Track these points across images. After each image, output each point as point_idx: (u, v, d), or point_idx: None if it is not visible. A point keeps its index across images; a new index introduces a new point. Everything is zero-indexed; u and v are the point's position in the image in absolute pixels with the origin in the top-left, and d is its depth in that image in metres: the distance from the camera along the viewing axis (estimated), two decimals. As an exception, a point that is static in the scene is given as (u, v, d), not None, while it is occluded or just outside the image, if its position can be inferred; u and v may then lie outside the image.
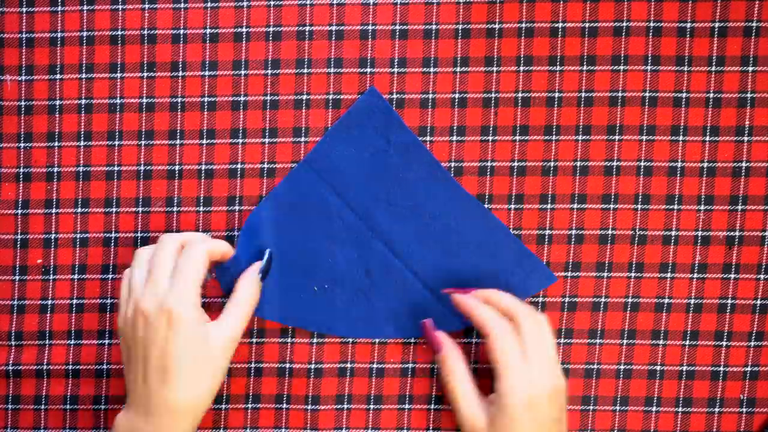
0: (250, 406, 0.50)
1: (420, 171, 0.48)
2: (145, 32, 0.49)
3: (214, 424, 0.50)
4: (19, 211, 0.50)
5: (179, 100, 0.49)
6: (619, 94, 0.48)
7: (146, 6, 0.49)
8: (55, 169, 0.50)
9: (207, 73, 0.49)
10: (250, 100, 0.49)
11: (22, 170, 0.50)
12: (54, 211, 0.50)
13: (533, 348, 0.42)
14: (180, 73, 0.49)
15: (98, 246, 0.50)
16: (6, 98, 0.49)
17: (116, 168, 0.50)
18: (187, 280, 0.42)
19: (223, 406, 0.50)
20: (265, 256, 0.47)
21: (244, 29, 0.49)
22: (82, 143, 0.49)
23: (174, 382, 0.41)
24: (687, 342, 0.49)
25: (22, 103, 0.49)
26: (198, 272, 0.42)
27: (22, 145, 0.50)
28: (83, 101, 0.49)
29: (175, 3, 0.49)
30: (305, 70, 0.49)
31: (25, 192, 0.50)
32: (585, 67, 0.48)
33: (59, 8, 0.49)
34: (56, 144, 0.49)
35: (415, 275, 0.49)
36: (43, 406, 0.50)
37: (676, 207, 0.48)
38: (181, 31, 0.49)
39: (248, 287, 0.45)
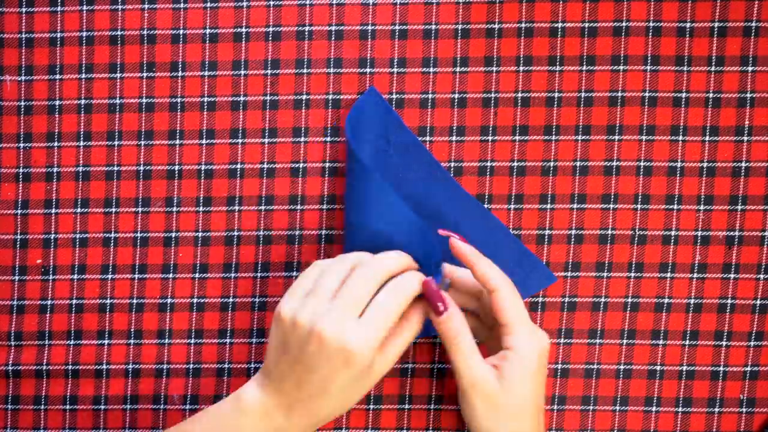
0: (249, 406, 0.50)
1: (420, 171, 0.48)
2: (145, 32, 0.49)
3: (214, 424, 0.50)
4: (19, 211, 0.50)
5: (179, 100, 0.49)
6: (619, 94, 0.48)
7: (146, 6, 0.49)
8: (55, 169, 0.50)
9: (207, 73, 0.49)
10: (250, 100, 0.49)
11: (21, 170, 0.50)
12: (54, 211, 0.50)
13: (522, 306, 0.43)
14: (180, 73, 0.49)
15: (98, 246, 0.50)
16: (6, 98, 0.49)
17: (116, 168, 0.50)
18: (380, 329, 0.39)
19: (223, 406, 0.50)
20: (443, 284, 0.44)
21: (244, 29, 0.49)
22: (81, 143, 0.49)
23: (328, 401, 0.40)
24: (687, 342, 0.49)
25: (22, 103, 0.49)
26: (393, 321, 0.40)
27: (21, 145, 0.50)
28: (83, 101, 0.49)
29: (174, 3, 0.49)
30: (305, 70, 0.49)
31: (24, 192, 0.50)
32: (585, 67, 0.48)
33: (59, 8, 0.49)
34: (56, 144, 0.49)
35: None
36: (42, 406, 0.50)
37: (676, 207, 0.48)
38: (181, 31, 0.49)
39: (419, 318, 0.42)
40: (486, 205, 0.49)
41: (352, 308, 0.39)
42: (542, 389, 0.43)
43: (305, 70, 0.49)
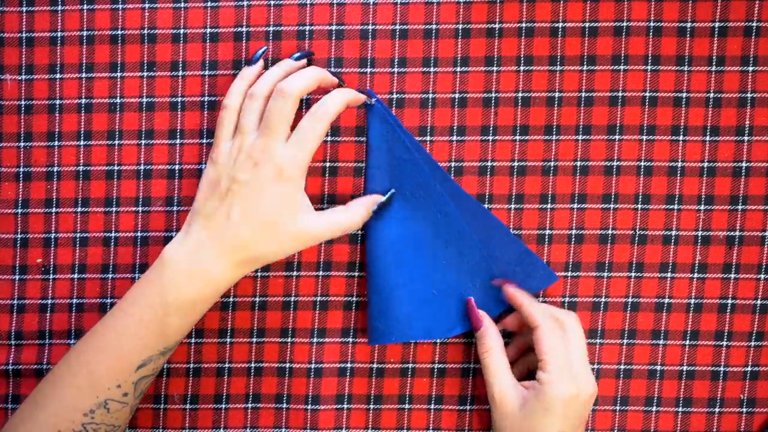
0: (250, 405, 0.50)
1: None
2: (145, 32, 0.49)
3: (214, 424, 0.50)
4: (19, 211, 0.50)
5: (179, 99, 0.49)
6: (619, 94, 0.48)
7: (146, 5, 0.49)
8: (55, 169, 0.50)
9: (207, 72, 0.49)
10: (250, 99, 0.49)
11: (22, 170, 0.50)
12: (54, 210, 0.50)
13: (576, 350, 0.44)
14: (180, 73, 0.49)
15: (98, 246, 0.50)
16: (6, 98, 0.49)
17: (116, 168, 0.50)
18: (305, 149, 0.42)
19: (223, 406, 0.50)
20: (387, 195, 0.47)
21: (244, 29, 0.49)
22: (82, 143, 0.49)
23: (258, 228, 0.42)
24: (687, 342, 0.49)
25: (22, 102, 0.49)
26: (318, 140, 0.43)
27: (22, 144, 0.50)
28: (83, 101, 0.49)
29: (175, 3, 0.49)
30: (305, 70, 0.49)
31: (25, 191, 0.50)
32: (585, 67, 0.48)
33: (59, 7, 0.49)
34: (56, 143, 0.49)
35: None
36: (42, 406, 0.50)
37: (676, 207, 0.48)
38: (181, 31, 0.49)
39: (361, 210, 0.45)
40: (486, 205, 0.49)
41: (276, 134, 0.42)
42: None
43: (305, 70, 0.49)
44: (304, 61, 0.47)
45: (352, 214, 0.45)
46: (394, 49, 0.48)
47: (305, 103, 0.49)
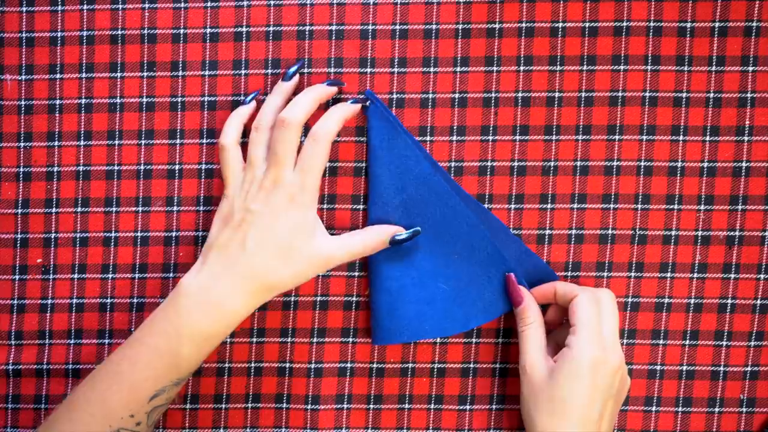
0: (250, 405, 0.50)
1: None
2: (145, 32, 0.49)
3: (214, 424, 0.50)
4: (19, 211, 0.50)
5: (179, 100, 0.49)
6: (619, 94, 0.48)
7: (146, 6, 0.49)
8: (55, 169, 0.50)
9: (207, 73, 0.49)
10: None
11: (22, 170, 0.50)
12: (54, 210, 0.50)
13: (608, 322, 0.44)
14: (180, 73, 0.49)
15: (98, 246, 0.50)
16: (6, 98, 0.49)
17: (116, 168, 0.50)
18: (313, 172, 0.44)
19: (223, 406, 0.50)
20: (409, 232, 0.46)
21: (244, 29, 0.49)
22: (82, 143, 0.50)
23: (272, 255, 0.43)
24: (687, 342, 0.49)
25: (22, 102, 0.49)
26: (323, 163, 0.44)
27: (22, 144, 0.50)
28: (83, 101, 0.49)
29: (175, 3, 0.49)
30: (305, 70, 0.49)
31: (25, 191, 0.50)
32: (585, 67, 0.48)
33: (59, 8, 0.49)
34: (56, 143, 0.50)
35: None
36: (43, 406, 0.50)
37: (676, 207, 0.48)
38: (181, 31, 0.49)
39: (377, 238, 0.46)
40: (486, 205, 0.49)
41: (284, 163, 0.44)
42: (596, 402, 0.43)
43: (305, 70, 0.49)
44: (296, 78, 0.47)
45: (368, 241, 0.45)
46: (394, 49, 0.48)
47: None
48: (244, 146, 0.46)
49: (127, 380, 0.42)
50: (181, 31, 0.49)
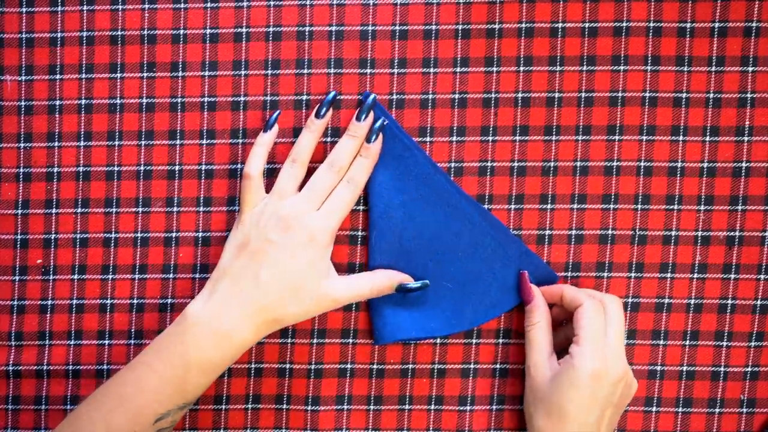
0: (250, 406, 0.50)
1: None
2: (145, 32, 0.49)
3: (214, 425, 0.50)
4: (19, 211, 0.50)
5: (179, 100, 0.49)
6: (619, 94, 0.48)
7: (146, 6, 0.49)
8: (55, 169, 0.50)
9: (207, 73, 0.49)
10: (250, 100, 0.49)
11: (22, 170, 0.50)
12: (54, 211, 0.50)
13: (613, 332, 0.44)
14: (180, 73, 0.49)
15: (98, 246, 0.50)
16: (6, 98, 0.49)
17: (116, 168, 0.50)
18: (337, 216, 0.44)
19: (223, 407, 0.50)
20: (420, 283, 0.47)
21: (244, 29, 0.49)
22: (82, 143, 0.49)
23: (281, 289, 0.43)
24: (687, 342, 0.49)
25: (22, 103, 0.49)
26: (349, 209, 0.45)
27: (22, 145, 0.50)
28: (83, 101, 0.49)
29: (175, 3, 0.49)
30: (305, 70, 0.49)
31: (25, 192, 0.50)
32: (585, 67, 0.48)
33: (59, 8, 0.49)
34: (56, 144, 0.49)
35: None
36: (43, 406, 0.50)
37: (676, 207, 0.48)
38: (181, 31, 0.49)
39: (385, 282, 0.46)
40: (486, 206, 0.49)
41: (311, 201, 0.44)
42: (594, 410, 0.43)
43: (305, 70, 0.49)
44: (329, 114, 0.47)
45: (376, 284, 0.46)
46: (394, 49, 0.48)
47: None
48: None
49: (132, 404, 0.42)
50: (181, 31, 0.49)
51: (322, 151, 0.49)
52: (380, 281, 0.46)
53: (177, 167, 0.49)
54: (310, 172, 0.47)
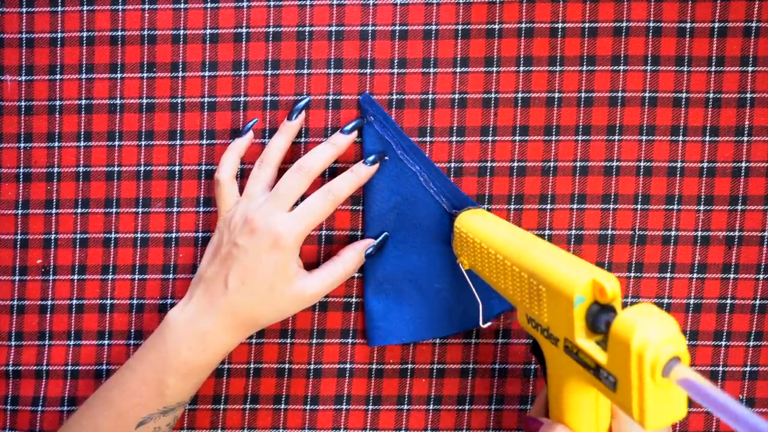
0: (248, 406, 0.50)
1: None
2: (145, 32, 0.49)
3: (212, 425, 0.50)
4: (19, 211, 0.50)
5: (179, 100, 0.49)
6: (619, 94, 0.48)
7: (146, 6, 0.49)
8: (55, 169, 0.50)
9: (207, 73, 0.49)
10: (250, 100, 0.49)
11: (22, 170, 0.50)
12: (54, 211, 0.50)
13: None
14: (180, 73, 0.49)
15: (98, 247, 0.50)
16: (6, 98, 0.50)
17: (116, 168, 0.50)
18: (305, 223, 0.43)
19: (222, 407, 0.50)
20: (380, 238, 0.47)
21: (244, 29, 0.49)
22: (82, 143, 0.50)
23: (253, 295, 0.43)
24: (686, 342, 0.49)
25: (22, 103, 0.49)
26: (321, 218, 0.44)
27: (22, 145, 0.50)
28: (83, 101, 0.49)
29: (175, 3, 0.49)
30: (305, 71, 0.49)
31: (25, 192, 0.50)
32: (585, 67, 0.48)
33: (59, 8, 0.49)
34: (56, 144, 0.50)
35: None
36: (42, 408, 0.50)
37: (676, 207, 0.48)
38: (181, 32, 0.49)
39: (354, 257, 0.46)
40: (486, 206, 0.49)
41: (284, 205, 0.44)
42: None
43: (305, 71, 0.49)
44: (302, 117, 0.47)
45: (346, 264, 0.46)
46: (393, 49, 0.48)
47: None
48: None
49: (116, 406, 0.43)
50: (181, 32, 0.49)
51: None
52: (351, 259, 0.46)
53: (177, 167, 0.49)
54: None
